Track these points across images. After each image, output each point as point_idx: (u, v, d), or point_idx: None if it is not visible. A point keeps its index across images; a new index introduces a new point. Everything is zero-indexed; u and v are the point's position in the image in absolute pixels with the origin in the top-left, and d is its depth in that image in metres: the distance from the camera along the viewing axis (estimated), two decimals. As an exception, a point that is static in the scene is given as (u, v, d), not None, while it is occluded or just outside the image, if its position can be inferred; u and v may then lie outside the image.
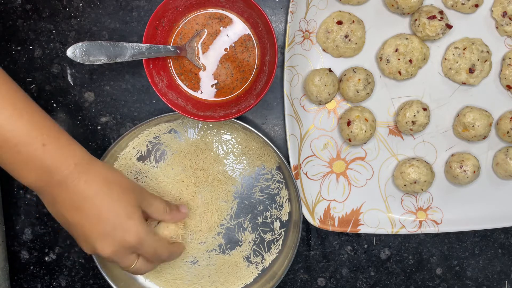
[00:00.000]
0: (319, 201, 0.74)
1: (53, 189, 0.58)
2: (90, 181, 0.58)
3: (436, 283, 0.77)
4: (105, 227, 0.59)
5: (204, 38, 0.70)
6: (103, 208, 0.58)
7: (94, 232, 0.59)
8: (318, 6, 0.71)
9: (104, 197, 0.59)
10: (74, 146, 0.59)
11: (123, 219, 0.59)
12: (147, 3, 0.73)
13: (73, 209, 0.58)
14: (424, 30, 0.69)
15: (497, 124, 0.72)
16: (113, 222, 0.59)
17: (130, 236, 0.59)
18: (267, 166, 0.74)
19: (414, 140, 0.73)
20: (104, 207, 0.58)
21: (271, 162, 0.73)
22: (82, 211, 0.58)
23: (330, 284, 0.77)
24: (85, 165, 0.59)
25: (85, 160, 0.59)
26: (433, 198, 0.74)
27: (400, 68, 0.70)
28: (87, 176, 0.58)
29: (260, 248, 0.75)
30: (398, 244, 0.77)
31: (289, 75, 0.71)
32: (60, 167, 0.57)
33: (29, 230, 0.77)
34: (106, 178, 0.59)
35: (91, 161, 0.60)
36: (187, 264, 0.75)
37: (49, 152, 0.57)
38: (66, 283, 0.77)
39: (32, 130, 0.56)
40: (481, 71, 0.71)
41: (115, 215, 0.59)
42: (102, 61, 0.64)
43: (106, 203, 0.59)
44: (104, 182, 0.59)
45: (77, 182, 0.58)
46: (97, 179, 0.59)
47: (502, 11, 0.69)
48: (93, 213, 0.58)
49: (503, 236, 0.77)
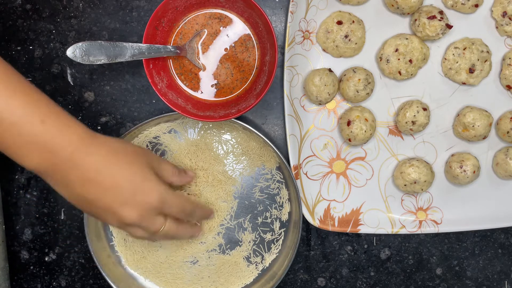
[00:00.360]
0: (319, 201, 0.74)
1: (61, 169, 0.56)
2: (97, 154, 0.57)
3: (436, 283, 0.77)
4: (124, 195, 0.57)
5: (204, 38, 0.70)
6: (117, 176, 0.57)
7: (115, 202, 0.57)
8: (318, 6, 0.71)
9: (115, 166, 0.57)
10: (74, 122, 0.57)
11: (139, 183, 0.58)
12: (147, 3, 0.73)
13: (87, 185, 0.57)
14: (424, 30, 0.69)
15: (497, 124, 0.72)
16: (130, 188, 0.58)
17: (151, 197, 0.59)
18: (267, 166, 0.74)
19: (414, 140, 0.73)
20: (117, 175, 0.57)
21: (271, 162, 0.73)
22: (97, 184, 0.57)
23: (330, 284, 0.77)
24: (88, 138, 0.57)
25: (87, 134, 0.57)
26: (433, 198, 0.74)
27: (400, 68, 0.70)
28: (93, 148, 0.57)
29: (260, 248, 0.75)
30: (398, 244, 0.77)
31: (289, 75, 0.71)
32: (63, 144, 0.55)
33: (29, 230, 0.77)
34: (112, 148, 0.58)
35: (94, 135, 0.58)
36: (187, 264, 0.75)
37: (50, 129, 0.55)
38: (66, 283, 0.77)
39: (28, 108, 0.54)
40: (481, 71, 0.71)
41: (131, 181, 0.58)
42: (102, 61, 0.64)
43: (118, 172, 0.57)
44: (111, 151, 0.58)
45: (84, 156, 0.56)
46: (103, 150, 0.57)
47: (502, 11, 0.69)
48: (108, 184, 0.57)
49: (503, 236, 0.77)
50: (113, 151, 0.58)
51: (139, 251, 0.74)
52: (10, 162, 0.76)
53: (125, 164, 0.58)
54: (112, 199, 0.57)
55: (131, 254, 0.74)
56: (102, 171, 0.57)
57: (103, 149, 0.58)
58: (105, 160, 0.57)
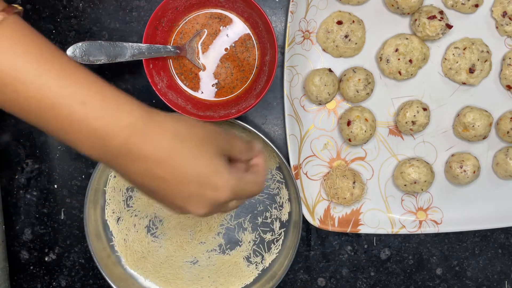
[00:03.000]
0: (319, 201, 0.74)
1: (116, 159, 0.48)
2: (157, 141, 0.48)
3: (436, 283, 0.77)
4: (191, 189, 0.49)
5: (204, 38, 0.70)
6: (182, 169, 0.49)
7: (179, 195, 0.50)
8: (318, 6, 0.71)
9: (179, 157, 0.49)
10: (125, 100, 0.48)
11: (208, 176, 0.49)
12: (147, 3, 0.74)
13: (147, 177, 0.49)
14: (424, 30, 0.69)
15: (497, 124, 0.72)
16: (198, 182, 0.49)
17: (221, 193, 0.50)
18: (267, 166, 0.74)
19: (414, 140, 0.73)
20: (182, 168, 0.49)
21: (271, 162, 0.73)
22: (159, 177, 0.48)
23: (330, 284, 0.77)
24: (145, 122, 0.48)
25: (143, 116, 0.48)
26: (433, 198, 0.74)
27: (400, 68, 0.70)
28: (151, 135, 0.48)
29: (260, 248, 0.75)
30: (398, 244, 0.77)
31: (289, 75, 0.71)
32: (113, 130, 0.47)
33: (29, 230, 0.77)
34: (176, 133, 0.49)
35: (151, 115, 0.49)
36: (187, 264, 0.75)
37: (93, 112, 0.46)
38: (66, 283, 0.77)
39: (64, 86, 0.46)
40: (481, 71, 0.71)
41: (198, 174, 0.49)
42: (102, 61, 0.64)
43: (183, 163, 0.49)
44: (174, 138, 0.49)
45: (140, 146, 0.47)
46: (165, 137, 0.48)
47: (502, 11, 0.69)
48: (172, 177, 0.49)
49: (503, 236, 0.77)
50: (178, 138, 0.49)
51: (139, 251, 0.75)
52: (10, 162, 0.76)
53: (192, 154, 0.49)
54: (176, 194, 0.50)
55: (131, 254, 0.75)
56: (164, 164, 0.48)
57: (165, 135, 0.49)
58: (168, 150, 0.48)
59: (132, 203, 0.74)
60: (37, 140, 0.75)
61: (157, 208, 0.74)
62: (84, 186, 0.76)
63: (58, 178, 0.76)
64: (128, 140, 0.47)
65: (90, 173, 0.76)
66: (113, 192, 0.74)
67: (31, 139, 0.75)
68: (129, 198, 0.74)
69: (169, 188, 0.49)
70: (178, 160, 0.49)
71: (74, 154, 0.76)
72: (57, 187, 0.76)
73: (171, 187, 0.49)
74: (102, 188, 0.74)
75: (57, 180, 0.76)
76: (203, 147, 0.50)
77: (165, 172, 0.48)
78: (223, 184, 0.50)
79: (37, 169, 0.76)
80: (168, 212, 0.74)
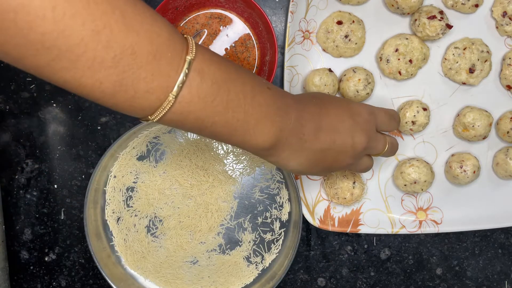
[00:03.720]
0: (319, 201, 0.74)
1: (295, 132, 0.54)
2: (311, 107, 0.56)
3: (436, 283, 0.77)
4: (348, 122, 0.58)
5: (204, 38, 0.70)
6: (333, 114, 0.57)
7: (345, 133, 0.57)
8: (318, 6, 0.71)
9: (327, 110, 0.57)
10: (283, 92, 0.55)
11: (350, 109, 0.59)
12: (147, 3, 0.73)
13: (318, 133, 0.55)
14: (424, 30, 0.69)
15: (497, 124, 0.72)
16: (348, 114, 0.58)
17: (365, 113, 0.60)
18: (267, 166, 0.74)
19: (414, 140, 0.73)
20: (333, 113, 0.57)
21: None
22: (324, 128, 0.56)
23: (330, 284, 0.77)
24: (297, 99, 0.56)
25: (292, 96, 0.56)
26: (433, 198, 0.74)
27: (400, 68, 0.70)
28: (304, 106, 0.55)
29: (260, 248, 0.75)
30: (398, 244, 0.77)
31: (289, 75, 0.71)
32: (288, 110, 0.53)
33: (29, 230, 0.77)
34: (317, 100, 0.58)
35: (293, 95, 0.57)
36: (187, 264, 0.75)
37: (276, 96, 0.52)
38: (66, 283, 0.77)
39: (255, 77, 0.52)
40: (481, 71, 0.71)
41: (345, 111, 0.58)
42: (102, 61, 0.64)
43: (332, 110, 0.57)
44: (318, 104, 0.57)
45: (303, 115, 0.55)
46: (311, 104, 0.56)
47: (502, 11, 0.69)
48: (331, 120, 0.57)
49: (503, 236, 0.77)
50: (320, 102, 0.57)
51: (139, 251, 0.75)
52: (10, 162, 0.76)
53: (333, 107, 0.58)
54: (342, 132, 0.57)
55: (131, 254, 0.75)
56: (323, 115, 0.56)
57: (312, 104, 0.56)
58: (319, 109, 0.56)
59: (132, 203, 0.74)
60: (37, 140, 0.76)
61: (157, 208, 0.74)
62: (84, 186, 0.76)
63: (58, 178, 0.76)
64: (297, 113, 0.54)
65: (90, 173, 0.76)
66: (113, 192, 0.74)
67: (31, 139, 0.75)
68: (129, 198, 0.74)
69: (335, 134, 0.56)
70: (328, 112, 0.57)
71: (74, 154, 0.76)
72: (57, 187, 0.76)
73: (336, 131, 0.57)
74: (102, 188, 0.74)
75: (57, 180, 0.76)
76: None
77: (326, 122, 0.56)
78: (359, 108, 0.59)
79: (37, 169, 0.76)
80: (168, 212, 0.74)
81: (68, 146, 0.76)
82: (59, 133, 0.75)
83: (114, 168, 0.73)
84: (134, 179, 0.74)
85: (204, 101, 0.47)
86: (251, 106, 0.50)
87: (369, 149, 0.60)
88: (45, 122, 0.75)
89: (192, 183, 0.73)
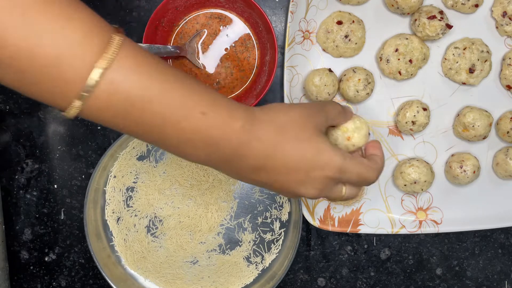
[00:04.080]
0: (319, 201, 0.74)
1: (228, 162, 0.51)
2: (264, 138, 0.51)
3: (436, 283, 0.77)
4: (299, 175, 0.53)
5: (204, 38, 0.70)
6: (289, 158, 0.52)
7: (290, 183, 0.53)
8: (318, 6, 0.71)
9: (284, 147, 0.52)
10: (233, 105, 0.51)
11: (313, 158, 0.53)
12: (147, 3, 0.74)
13: (257, 172, 0.52)
14: (424, 30, 0.69)
15: (497, 124, 0.72)
16: (305, 167, 0.53)
17: (329, 170, 0.53)
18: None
19: (414, 140, 0.73)
20: (289, 157, 0.52)
21: (271, 162, 0.73)
22: (269, 170, 0.52)
23: (330, 284, 0.77)
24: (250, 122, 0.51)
25: (248, 117, 0.51)
26: (433, 198, 0.74)
27: (400, 68, 0.70)
28: (258, 133, 0.51)
29: (260, 248, 0.75)
30: (398, 244, 0.77)
31: (289, 75, 0.71)
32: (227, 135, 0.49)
33: (29, 230, 0.77)
34: (278, 125, 0.52)
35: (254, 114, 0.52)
36: (187, 264, 0.75)
37: (211, 121, 0.49)
38: (66, 283, 0.77)
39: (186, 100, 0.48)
40: (481, 71, 0.71)
41: (304, 159, 0.52)
42: (102, 61, 0.64)
43: (289, 152, 0.52)
44: (277, 130, 0.52)
45: (249, 146, 0.51)
46: (268, 131, 0.52)
47: (502, 11, 0.69)
48: (280, 167, 0.52)
49: (503, 236, 0.77)
50: (280, 129, 0.52)
51: (139, 251, 0.75)
52: (10, 162, 0.76)
53: (294, 141, 0.52)
54: (286, 181, 0.53)
55: (131, 254, 0.75)
56: (271, 156, 0.52)
57: (269, 130, 0.52)
58: (274, 143, 0.51)
59: (132, 203, 0.74)
60: (37, 140, 0.76)
61: (157, 208, 0.74)
62: (84, 186, 0.76)
63: (58, 178, 0.76)
64: (239, 142, 0.50)
65: (90, 173, 0.76)
66: (113, 192, 0.74)
67: (31, 139, 0.75)
68: (129, 198, 0.74)
69: (279, 178, 0.53)
70: (283, 151, 0.52)
71: (74, 154, 0.76)
72: (57, 187, 0.76)
73: (281, 177, 0.53)
74: (102, 188, 0.74)
75: (57, 180, 0.76)
76: (304, 130, 0.53)
77: (273, 164, 0.52)
78: (328, 162, 0.53)
79: (37, 169, 0.76)
80: (168, 212, 0.74)
81: (68, 146, 0.76)
82: (59, 133, 0.75)
83: (114, 168, 0.73)
84: (134, 179, 0.74)
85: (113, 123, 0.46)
86: (173, 130, 0.48)
87: None
88: (45, 122, 0.75)
89: (192, 183, 0.73)
